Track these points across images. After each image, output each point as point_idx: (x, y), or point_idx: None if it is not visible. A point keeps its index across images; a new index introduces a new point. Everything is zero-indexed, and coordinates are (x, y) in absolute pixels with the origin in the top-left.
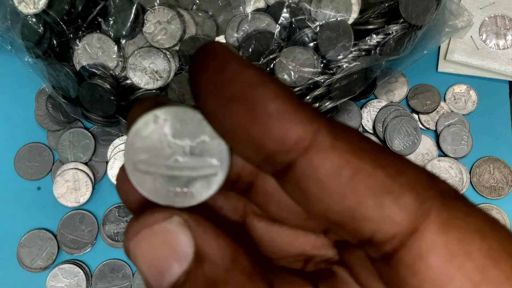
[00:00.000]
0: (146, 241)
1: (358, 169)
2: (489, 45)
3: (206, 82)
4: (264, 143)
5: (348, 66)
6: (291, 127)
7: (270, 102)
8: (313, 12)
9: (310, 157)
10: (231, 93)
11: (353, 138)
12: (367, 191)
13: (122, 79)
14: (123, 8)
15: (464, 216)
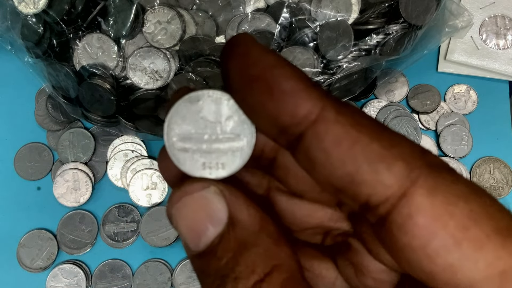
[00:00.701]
0: (186, 207)
1: (356, 140)
2: (489, 45)
3: (233, 66)
4: (279, 117)
5: (348, 66)
6: (302, 103)
7: (285, 81)
8: (313, 12)
9: (316, 129)
10: (253, 74)
11: (355, 115)
12: (363, 158)
13: (122, 79)
14: (123, 8)
15: (449, 183)
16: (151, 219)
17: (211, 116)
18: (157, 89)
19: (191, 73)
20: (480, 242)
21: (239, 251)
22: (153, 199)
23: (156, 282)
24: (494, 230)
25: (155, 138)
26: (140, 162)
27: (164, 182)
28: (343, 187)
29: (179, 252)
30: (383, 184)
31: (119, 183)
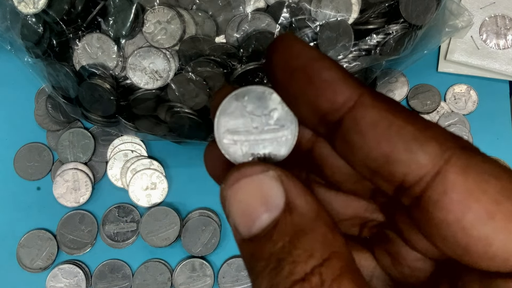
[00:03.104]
0: (242, 190)
1: (392, 122)
2: (489, 45)
3: (278, 59)
4: (320, 104)
5: (348, 66)
6: (340, 90)
7: (325, 71)
8: (313, 12)
9: (354, 113)
10: (296, 65)
11: (390, 102)
12: (398, 139)
13: (122, 79)
14: (123, 8)
15: (481, 163)
16: (151, 219)
17: (257, 110)
18: (157, 89)
19: (191, 73)
20: (492, 213)
21: (296, 236)
22: (153, 199)
23: (156, 282)
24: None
25: (155, 138)
26: (140, 162)
27: (164, 182)
28: (379, 168)
29: (179, 252)
30: (418, 162)
31: (119, 183)
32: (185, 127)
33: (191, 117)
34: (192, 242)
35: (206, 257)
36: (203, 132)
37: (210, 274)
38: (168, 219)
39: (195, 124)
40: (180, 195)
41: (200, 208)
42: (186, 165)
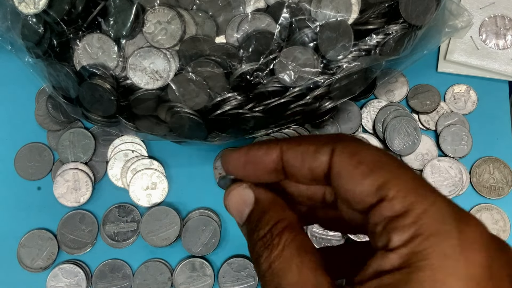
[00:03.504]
0: (232, 198)
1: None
2: (489, 45)
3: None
4: (318, 175)
5: (348, 66)
6: (318, 165)
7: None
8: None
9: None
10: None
11: (353, 151)
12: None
13: (122, 79)
14: (123, 8)
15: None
16: (151, 219)
17: None
18: (157, 89)
19: (191, 73)
20: (365, 174)
21: (261, 215)
22: (153, 199)
23: (156, 282)
24: (374, 166)
25: (155, 138)
26: (140, 162)
27: (164, 182)
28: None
29: (179, 252)
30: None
31: (119, 183)
32: (185, 127)
33: (191, 117)
34: (192, 242)
35: (206, 257)
36: (203, 132)
37: (210, 274)
38: (168, 219)
39: (195, 124)
40: (180, 195)
41: (200, 208)
42: (186, 165)
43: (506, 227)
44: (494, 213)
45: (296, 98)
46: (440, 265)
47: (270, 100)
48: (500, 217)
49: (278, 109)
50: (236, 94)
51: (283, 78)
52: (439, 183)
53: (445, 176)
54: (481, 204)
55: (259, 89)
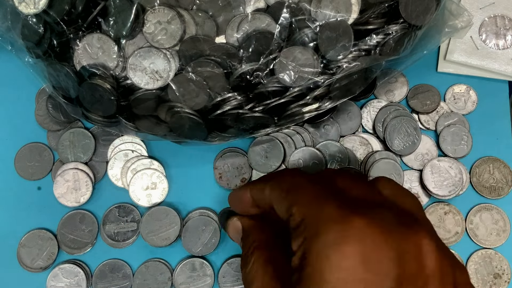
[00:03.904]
0: (230, 227)
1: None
2: (489, 45)
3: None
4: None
5: (348, 66)
6: (249, 209)
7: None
8: (313, 12)
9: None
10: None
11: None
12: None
13: (122, 79)
14: (123, 8)
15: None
16: (152, 219)
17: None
18: (157, 89)
19: (191, 73)
20: (282, 199)
21: (245, 238)
22: (153, 199)
23: (156, 282)
24: (288, 191)
25: (155, 138)
26: (140, 162)
27: (164, 182)
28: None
29: (179, 251)
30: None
31: (119, 183)
32: (185, 127)
33: (191, 117)
34: (192, 242)
35: (206, 257)
36: (203, 132)
37: (210, 273)
38: (168, 218)
39: (195, 124)
40: (180, 195)
41: (200, 208)
42: (186, 165)
43: (506, 227)
44: (494, 213)
45: (296, 98)
46: (316, 262)
47: (270, 100)
48: (500, 217)
49: (278, 109)
50: (236, 94)
51: (283, 78)
52: (439, 183)
53: (445, 176)
54: (481, 204)
55: (259, 89)
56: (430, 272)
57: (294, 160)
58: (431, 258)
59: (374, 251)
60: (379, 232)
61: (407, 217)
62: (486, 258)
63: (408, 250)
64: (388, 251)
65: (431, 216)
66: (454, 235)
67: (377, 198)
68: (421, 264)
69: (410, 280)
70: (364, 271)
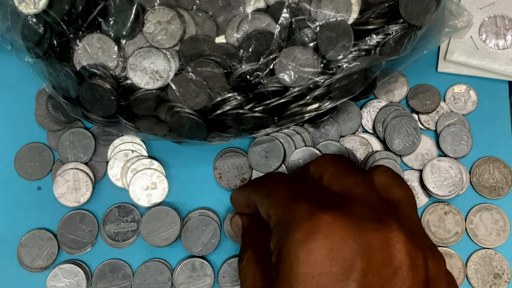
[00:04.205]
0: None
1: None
2: (489, 45)
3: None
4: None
5: (348, 66)
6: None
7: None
8: (313, 12)
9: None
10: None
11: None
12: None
13: (122, 79)
14: (123, 8)
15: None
16: (152, 218)
17: None
18: (157, 89)
19: (191, 73)
20: (264, 201)
21: (243, 236)
22: (153, 199)
23: (156, 282)
24: (265, 198)
25: (155, 138)
26: (140, 162)
27: (164, 182)
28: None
29: (179, 251)
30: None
31: (119, 183)
32: (185, 127)
33: (191, 117)
34: (192, 242)
35: (206, 257)
36: (203, 132)
37: (211, 273)
38: (168, 218)
39: (195, 124)
40: (180, 195)
41: (200, 208)
42: (186, 165)
43: (506, 227)
44: (494, 213)
45: (296, 98)
46: (288, 258)
47: (270, 100)
48: (500, 217)
49: (278, 109)
50: (236, 94)
51: (283, 78)
52: (439, 183)
53: (445, 176)
54: (481, 204)
55: (259, 89)
56: (398, 263)
57: (294, 160)
58: (399, 249)
59: (340, 245)
60: (345, 227)
61: (383, 210)
62: (486, 258)
63: (375, 243)
64: (354, 245)
65: (431, 216)
66: (454, 235)
67: (356, 192)
68: (389, 256)
69: (376, 271)
70: (330, 265)
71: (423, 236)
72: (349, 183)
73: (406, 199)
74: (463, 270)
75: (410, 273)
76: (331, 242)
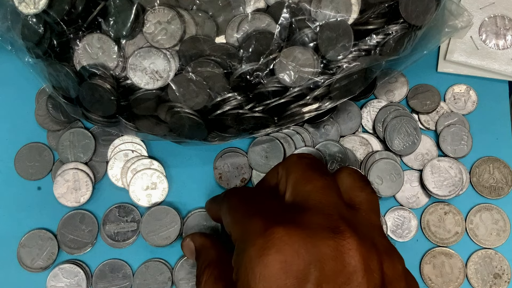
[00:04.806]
0: (184, 248)
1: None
2: (489, 45)
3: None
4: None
5: (348, 66)
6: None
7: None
8: (313, 12)
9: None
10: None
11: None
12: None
13: (122, 79)
14: (123, 8)
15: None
16: (152, 218)
17: None
18: (157, 89)
19: (191, 73)
20: (225, 219)
21: (198, 258)
22: (153, 199)
23: (156, 282)
24: (227, 214)
25: (155, 138)
26: (140, 162)
27: (164, 182)
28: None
29: (179, 251)
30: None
31: (119, 183)
32: (185, 127)
33: (191, 117)
34: None
35: None
36: (203, 132)
37: None
38: (168, 218)
39: (195, 124)
40: (180, 195)
41: (200, 208)
42: (186, 165)
43: (506, 227)
44: (494, 213)
45: (296, 98)
46: (244, 275)
47: (270, 100)
48: (500, 217)
49: (278, 109)
50: (236, 94)
51: (283, 78)
52: (439, 183)
53: (445, 176)
54: (481, 204)
55: (259, 89)
56: (352, 269)
57: None
58: (352, 256)
59: (293, 257)
60: (297, 240)
61: (339, 217)
62: (486, 258)
63: (327, 251)
64: (306, 256)
65: (431, 216)
66: (454, 235)
67: (313, 199)
68: (342, 263)
69: (331, 279)
70: (285, 278)
71: (381, 239)
72: (307, 190)
73: (367, 202)
74: (463, 270)
75: (365, 278)
76: (284, 255)
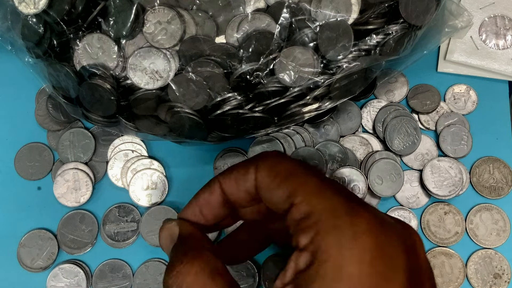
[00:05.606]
0: (164, 232)
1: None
2: (489, 45)
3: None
4: (253, 194)
5: (348, 66)
6: (249, 184)
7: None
8: (313, 12)
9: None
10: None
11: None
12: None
13: (122, 79)
14: (123, 8)
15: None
16: (151, 218)
17: None
18: (157, 89)
19: (191, 73)
20: (279, 184)
21: (178, 246)
22: (153, 199)
23: (156, 282)
24: (287, 177)
25: (155, 138)
26: (140, 162)
27: (164, 182)
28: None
29: None
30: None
31: (119, 183)
32: (185, 127)
33: (191, 117)
34: None
35: None
36: (203, 132)
37: None
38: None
39: (195, 124)
40: (180, 195)
41: None
42: (186, 165)
43: (506, 227)
44: (494, 213)
45: (296, 98)
46: (337, 255)
47: (270, 100)
48: (500, 217)
49: (278, 109)
50: (236, 94)
51: (283, 78)
52: (439, 183)
53: (445, 176)
54: (481, 204)
55: (259, 89)
56: (422, 262)
57: None
58: (422, 250)
59: (387, 244)
60: (387, 226)
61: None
62: (486, 258)
63: (409, 243)
64: (399, 244)
65: (431, 216)
66: (454, 235)
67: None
68: (417, 255)
69: (413, 271)
70: (380, 264)
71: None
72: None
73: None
74: (463, 270)
75: (429, 272)
76: (380, 241)
